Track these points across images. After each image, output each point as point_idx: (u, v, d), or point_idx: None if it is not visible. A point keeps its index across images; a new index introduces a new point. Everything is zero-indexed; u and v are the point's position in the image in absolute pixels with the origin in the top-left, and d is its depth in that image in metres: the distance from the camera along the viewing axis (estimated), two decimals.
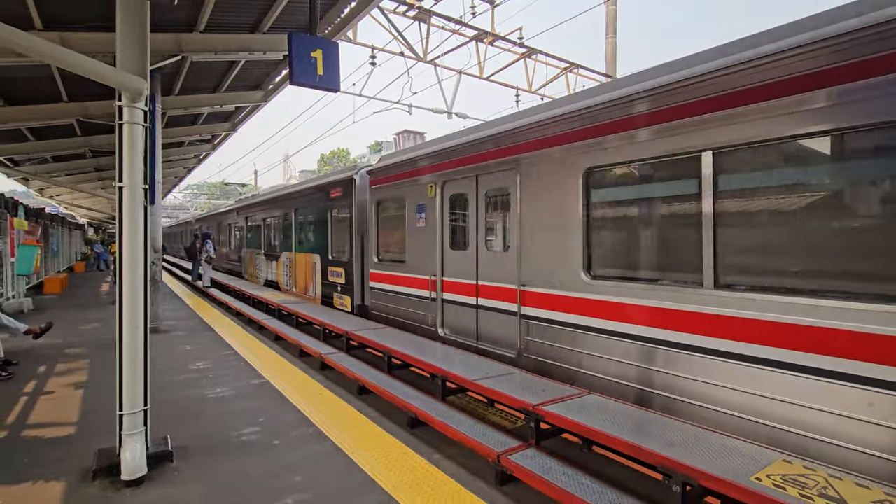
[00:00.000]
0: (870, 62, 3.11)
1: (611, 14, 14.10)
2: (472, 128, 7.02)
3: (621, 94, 4.60)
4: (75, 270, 23.66)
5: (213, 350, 7.23)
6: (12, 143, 10.28)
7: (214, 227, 23.38)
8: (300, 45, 5.02)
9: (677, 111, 4.16)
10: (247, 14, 6.69)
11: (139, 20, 3.47)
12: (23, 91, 7.81)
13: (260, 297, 11.98)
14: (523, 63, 12.81)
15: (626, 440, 3.32)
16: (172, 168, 18.46)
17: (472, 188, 6.58)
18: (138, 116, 3.30)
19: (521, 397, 4.22)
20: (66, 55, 3.09)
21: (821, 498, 2.56)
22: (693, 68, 4.07)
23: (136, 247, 3.30)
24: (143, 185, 3.33)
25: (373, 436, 4.02)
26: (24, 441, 4.00)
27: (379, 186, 8.74)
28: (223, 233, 22.21)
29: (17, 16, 5.46)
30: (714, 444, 3.26)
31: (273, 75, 9.32)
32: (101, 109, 8.77)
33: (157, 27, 6.28)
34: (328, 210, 10.80)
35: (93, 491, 3.16)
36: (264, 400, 4.95)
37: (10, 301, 10.69)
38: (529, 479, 3.36)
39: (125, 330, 3.27)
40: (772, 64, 3.55)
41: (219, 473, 3.42)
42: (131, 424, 3.27)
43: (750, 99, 3.68)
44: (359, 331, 7.21)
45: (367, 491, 3.15)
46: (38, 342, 6.85)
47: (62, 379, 5.75)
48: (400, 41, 10.76)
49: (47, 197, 21.05)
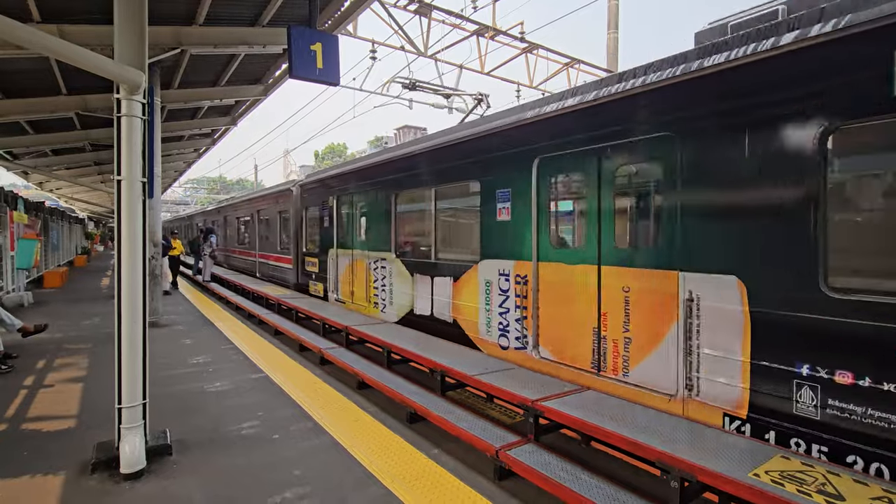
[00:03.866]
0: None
1: (612, 9, 14.01)
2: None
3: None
4: (76, 264, 23.67)
5: (213, 344, 7.23)
6: (11, 136, 10.25)
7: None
8: (300, 39, 4.99)
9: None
10: (246, 7, 6.65)
11: (138, 12, 3.44)
12: (22, 84, 7.77)
13: (260, 291, 11.98)
14: (524, 58, 12.76)
15: (625, 436, 3.33)
16: (172, 162, 18.42)
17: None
18: (136, 109, 3.28)
19: (520, 392, 4.23)
20: (64, 47, 3.06)
21: (819, 494, 2.56)
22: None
23: (135, 241, 3.29)
24: (141, 178, 3.32)
25: (372, 430, 4.03)
26: (24, 434, 4.01)
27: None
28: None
29: (15, 8, 5.43)
30: (712, 440, 3.26)
31: (273, 69, 9.28)
32: (100, 103, 8.73)
33: (156, 20, 6.25)
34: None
35: (92, 484, 3.17)
36: (264, 394, 4.96)
37: (10, 295, 10.70)
38: (528, 474, 3.36)
39: (124, 324, 3.26)
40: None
41: (218, 467, 3.42)
42: (130, 418, 3.28)
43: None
44: (358, 326, 7.22)
45: (366, 485, 3.15)
46: (37, 336, 6.85)
47: (61, 373, 5.76)
48: (400, 35, 10.71)
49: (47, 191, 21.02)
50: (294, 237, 12.35)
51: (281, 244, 13.74)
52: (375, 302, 8.32)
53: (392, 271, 7.85)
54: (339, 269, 9.64)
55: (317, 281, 10.94)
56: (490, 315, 5.72)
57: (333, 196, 9.86)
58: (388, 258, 7.92)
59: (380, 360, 6.25)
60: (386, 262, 8.00)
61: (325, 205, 10.39)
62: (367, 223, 8.72)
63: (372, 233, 8.46)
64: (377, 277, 8.24)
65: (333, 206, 9.86)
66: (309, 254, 11.44)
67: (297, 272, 12.36)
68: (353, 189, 9.13)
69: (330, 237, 10.00)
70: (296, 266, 12.39)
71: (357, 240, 9.04)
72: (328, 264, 10.12)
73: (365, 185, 8.70)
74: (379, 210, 8.19)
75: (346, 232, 9.39)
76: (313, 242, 11.30)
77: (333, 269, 9.90)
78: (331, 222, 9.98)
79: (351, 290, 9.16)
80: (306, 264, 11.57)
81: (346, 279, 9.36)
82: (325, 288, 10.35)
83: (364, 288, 8.66)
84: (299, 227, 11.99)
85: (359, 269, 8.83)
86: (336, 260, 9.80)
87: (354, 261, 9.04)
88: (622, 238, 4.49)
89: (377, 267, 8.24)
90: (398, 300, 7.69)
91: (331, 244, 9.97)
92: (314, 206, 11.04)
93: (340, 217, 9.74)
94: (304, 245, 11.82)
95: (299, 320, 9.33)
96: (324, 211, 10.45)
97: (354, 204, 9.16)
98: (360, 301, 8.82)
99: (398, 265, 7.68)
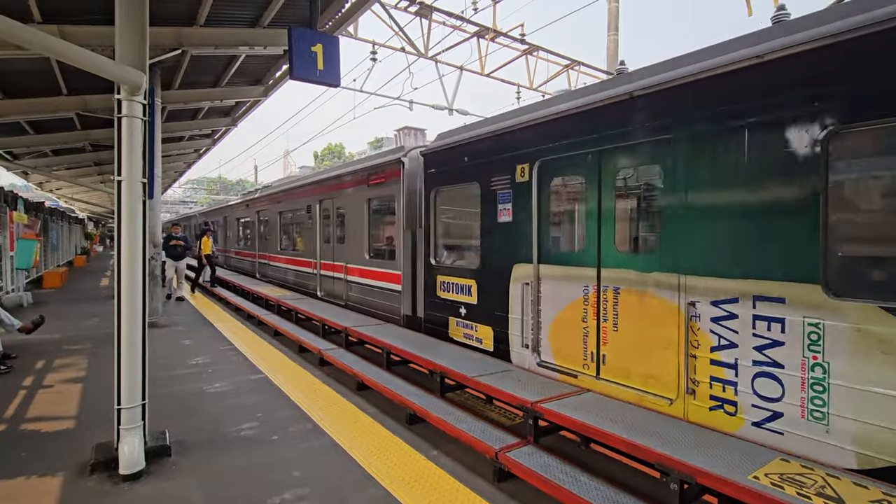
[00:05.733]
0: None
1: (613, 12, 14.03)
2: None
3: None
4: (75, 265, 23.66)
5: (213, 345, 7.22)
6: (12, 136, 10.26)
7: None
8: (300, 40, 4.99)
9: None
10: (247, 8, 6.65)
11: (139, 13, 3.45)
12: (22, 84, 7.77)
13: (259, 292, 11.98)
14: (525, 60, 12.78)
15: (624, 438, 3.33)
16: (172, 163, 18.40)
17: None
18: (137, 110, 3.28)
19: (519, 394, 4.23)
20: (65, 48, 3.07)
21: (818, 497, 2.56)
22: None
23: (135, 241, 3.29)
24: (141, 179, 3.32)
25: (371, 432, 4.03)
26: (22, 435, 4.00)
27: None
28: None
29: (16, 8, 5.43)
30: (712, 442, 3.26)
31: (273, 70, 9.28)
32: (101, 103, 8.73)
33: (157, 21, 6.25)
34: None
35: (91, 485, 3.16)
36: (263, 395, 4.95)
37: (9, 295, 10.69)
38: (527, 476, 3.36)
39: (124, 325, 3.26)
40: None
41: (217, 468, 3.42)
42: (129, 419, 3.27)
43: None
44: (357, 327, 7.22)
45: (365, 486, 3.15)
46: (36, 336, 6.85)
47: (61, 373, 5.75)
48: (401, 37, 10.72)
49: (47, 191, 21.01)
50: (409, 239, 7.85)
51: (371, 251, 9.19)
52: (722, 398, 3.79)
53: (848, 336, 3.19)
54: (552, 305, 5.23)
55: (476, 320, 6.31)
56: None
57: (528, 163, 5.48)
58: (811, 298, 3.32)
59: (379, 361, 6.25)
60: (803, 311, 3.36)
61: (493, 181, 5.97)
62: (707, 211, 3.95)
63: (726, 231, 3.80)
64: (736, 341, 3.72)
65: (532, 180, 5.43)
66: (449, 270, 6.89)
67: (413, 297, 7.85)
68: (618, 138, 4.60)
69: (520, 241, 5.60)
70: (411, 288, 7.85)
71: (620, 248, 4.75)
72: (513, 291, 5.68)
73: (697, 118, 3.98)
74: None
75: (594, 230, 4.80)
76: (469, 250, 6.78)
77: (531, 302, 5.43)
78: (524, 215, 5.55)
79: (596, 352, 4.77)
80: (441, 287, 6.97)
81: (575, 327, 4.96)
82: (506, 335, 5.78)
83: (668, 357, 4.14)
84: (424, 223, 7.41)
85: (630, 310, 4.46)
86: (544, 285, 5.32)
87: (610, 292, 4.64)
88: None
89: (750, 318, 3.64)
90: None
91: (523, 254, 5.55)
92: (463, 183, 6.60)
93: (566, 203, 5.51)
94: (434, 253, 7.23)
95: (299, 321, 9.32)
96: (498, 194, 5.92)
97: (640, 172, 4.84)
98: (639, 379, 4.38)
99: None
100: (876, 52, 3.08)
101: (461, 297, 6.60)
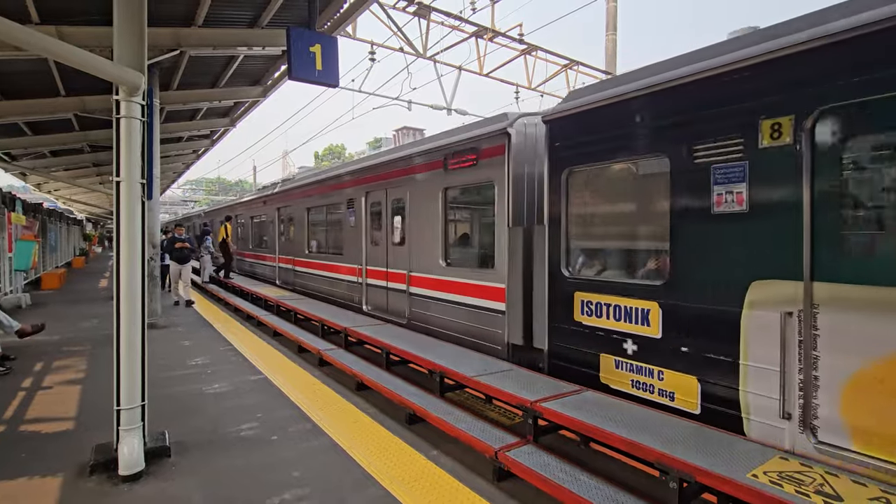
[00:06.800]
0: None
1: (611, 11, 14.05)
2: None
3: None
4: (73, 266, 23.63)
5: (212, 346, 7.22)
6: (9, 137, 10.24)
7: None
8: (299, 40, 5.00)
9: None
10: (245, 8, 6.65)
11: (137, 14, 3.45)
12: (20, 85, 7.76)
13: (258, 293, 11.98)
14: (523, 59, 12.78)
15: (624, 436, 3.33)
16: (171, 164, 18.40)
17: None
18: (135, 111, 3.28)
19: (518, 394, 4.23)
20: (63, 49, 3.07)
21: (817, 495, 2.56)
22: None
23: (134, 242, 3.29)
24: (140, 179, 3.32)
25: (371, 432, 4.03)
26: (22, 436, 4.00)
27: None
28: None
29: (14, 9, 5.43)
30: (711, 440, 3.26)
31: (272, 70, 9.28)
32: (99, 104, 8.72)
33: (155, 21, 6.25)
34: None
35: (90, 486, 3.16)
36: (262, 395, 4.95)
37: (7, 296, 10.68)
38: (527, 475, 3.36)
39: (123, 326, 3.26)
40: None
41: (216, 469, 3.42)
42: (129, 420, 3.27)
43: None
44: (357, 327, 7.22)
45: (365, 486, 3.15)
46: (35, 338, 6.83)
47: (60, 374, 5.74)
48: (399, 37, 10.72)
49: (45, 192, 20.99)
50: (520, 240, 5.62)
51: (449, 255, 7.11)
52: None
53: None
54: (850, 352, 3.07)
55: (662, 364, 4.13)
56: None
57: (792, 115, 3.32)
58: None
59: (379, 361, 6.25)
60: None
61: (702, 150, 3.84)
62: None
63: None
64: None
65: (801, 143, 3.28)
66: (599, 285, 4.70)
67: (527, 321, 5.55)
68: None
69: (766, 244, 3.49)
70: (523, 307, 5.59)
71: None
72: (751, 324, 3.53)
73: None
74: None
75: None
76: (642, 257, 4.71)
77: (797, 343, 3.31)
78: (780, 201, 3.42)
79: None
80: (583, 309, 4.79)
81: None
82: (733, 394, 3.63)
83: None
84: (549, 217, 5.17)
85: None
86: (828, 317, 3.18)
87: None
88: None
89: None
90: None
91: (774, 266, 3.44)
92: (630, 157, 4.55)
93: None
94: (568, 259, 5.06)
95: (298, 321, 9.32)
96: (714, 170, 3.75)
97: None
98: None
99: None
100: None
101: (626, 325, 4.41)
